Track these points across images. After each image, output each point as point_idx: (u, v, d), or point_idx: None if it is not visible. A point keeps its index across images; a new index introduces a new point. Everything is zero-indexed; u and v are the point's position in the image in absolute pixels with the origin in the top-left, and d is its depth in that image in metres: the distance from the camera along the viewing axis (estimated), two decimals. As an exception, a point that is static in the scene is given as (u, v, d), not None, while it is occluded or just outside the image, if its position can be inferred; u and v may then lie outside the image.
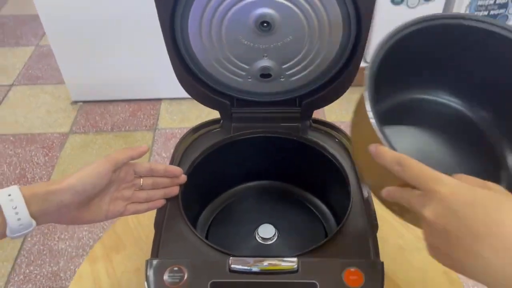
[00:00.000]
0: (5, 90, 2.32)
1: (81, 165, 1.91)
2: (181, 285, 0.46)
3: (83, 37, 1.98)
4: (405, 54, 0.50)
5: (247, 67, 0.65)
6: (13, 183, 1.86)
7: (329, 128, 0.71)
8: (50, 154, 1.98)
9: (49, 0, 1.84)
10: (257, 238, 0.64)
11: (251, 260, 0.47)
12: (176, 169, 0.61)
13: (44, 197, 0.50)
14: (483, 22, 0.49)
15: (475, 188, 0.35)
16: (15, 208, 0.48)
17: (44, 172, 1.90)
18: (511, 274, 0.31)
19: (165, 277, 0.47)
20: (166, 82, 2.14)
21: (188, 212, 0.58)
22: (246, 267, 0.47)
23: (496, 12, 1.99)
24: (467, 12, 1.98)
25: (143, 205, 0.59)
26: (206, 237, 0.66)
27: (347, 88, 0.68)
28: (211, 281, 0.46)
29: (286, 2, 0.58)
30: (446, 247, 0.35)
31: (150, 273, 0.48)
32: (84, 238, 1.65)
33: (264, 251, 0.62)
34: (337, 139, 0.69)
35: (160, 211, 0.57)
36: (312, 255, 0.48)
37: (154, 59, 2.05)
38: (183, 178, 0.61)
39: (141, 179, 0.59)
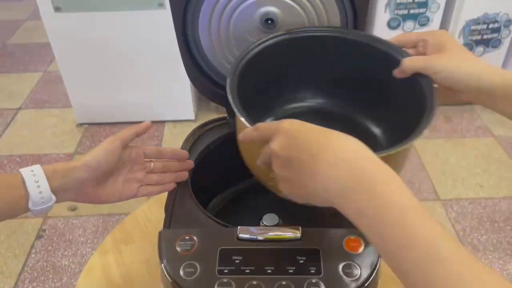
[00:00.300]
0: (13, 113, 2.38)
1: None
2: (192, 252, 0.49)
3: (91, 62, 2.06)
4: (269, 64, 0.62)
5: None
6: (18, 201, 1.88)
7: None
8: (55, 174, 2.01)
9: (59, 28, 1.93)
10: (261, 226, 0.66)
11: (257, 229, 0.50)
12: (183, 152, 0.65)
13: (63, 173, 0.53)
14: (329, 30, 0.63)
15: (307, 122, 0.43)
16: (37, 182, 0.51)
17: (49, 191, 1.92)
18: (345, 181, 0.37)
19: (177, 245, 0.50)
20: (170, 105, 2.21)
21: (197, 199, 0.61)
22: (252, 236, 0.50)
23: (489, 36, 2.07)
24: (461, 37, 2.06)
25: (154, 187, 0.62)
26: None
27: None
28: (220, 248, 0.49)
29: (289, 1, 0.63)
30: (292, 174, 0.41)
31: (163, 242, 0.51)
32: (87, 255, 1.66)
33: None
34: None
35: (171, 194, 0.60)
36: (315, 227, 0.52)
37: (158, 83, 2.13)
38: (190, 162, 0.65)
39: (152, 163, 0.63)
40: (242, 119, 0.50)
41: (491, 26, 2.03)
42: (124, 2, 1.86)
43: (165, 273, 0.48)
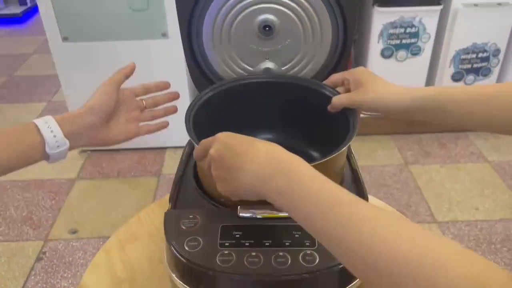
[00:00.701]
0: (17, 141, 2.43)
1: (86, 209, 1.98)
2: (195, 229, 0.53)
3: (95, 90, 2.13)
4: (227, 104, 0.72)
5: (251, 69, 0.75)
6: (19, 224, 1.90)
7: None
8: (56, 198, 2.03)
9: (66, 56, 2.01)
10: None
11: (257, 209, 0.54)
12: (165, 82, 0.73)
13: (72, 120, 0.60)
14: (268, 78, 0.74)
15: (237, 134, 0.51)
16: (50, 127, 0.57)
17: (50, 215, 1.94)
18: (264, 170, 0.45)
19: (181, 224, 0.53)
20: (171, 132, 2.25)
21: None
22: (252, 214, 0.54)
23: (479, 65, 2.16)
24: (451, 65, 2.14)
25: (153, 126, 0.71)
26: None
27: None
28: (221, 225, 0.53)
29: (285, 9, 0.70)
30: (226, 172, 0.49)
31: (168, 220, 0.54)
32: (87, 276, 1.67)
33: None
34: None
35: (176, 180, 0.64)
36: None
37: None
38: (175, 92, 0.73)
39: (143, 101, 0.71)
40: (195, 144, 0.58)
41: (480, 55, 2.12)
42: (128, 32, 1.95)
43: (170, 246, 0.52)
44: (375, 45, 2.07)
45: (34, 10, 4.11)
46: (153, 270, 0.75)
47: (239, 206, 0.54)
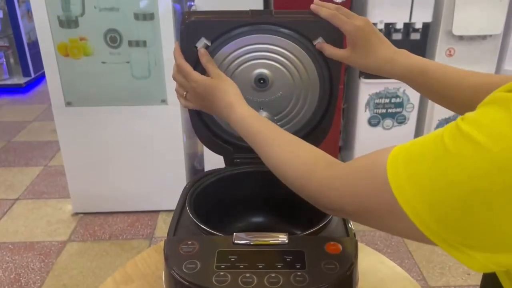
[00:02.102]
0: (10, 203, 2.44)
1: (76, 271, 1.95)
2: (193, 253, 0.56)
3: (93, 153, 2.19)
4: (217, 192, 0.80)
5: None
6: (6, 287, 1.86)
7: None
8: (46, 261, 2.01)
9: (68, 121, 2.10)
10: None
11: (250, 235, 0.58)
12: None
13: None
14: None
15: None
16: None
17: (38, 278, 1.91)
18: (224, 114, 0.68)
19: (180, 249, 0.57)
20: (165, 195, 2.29)
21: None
22: (246, 241, 0.57)
23: (461, 134, 2.27)
24: (436, 134, 2.25)
25: None
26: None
27: (322, 141, 0.85)
28: (218, 250, 0.56)
29: (278, 65, 0.78)
30: (204, 102, 0.72)
31: (168, 246, 0.58)
32: None
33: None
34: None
35: (176, 211, 0.68)
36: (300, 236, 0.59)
37: (155, 174, 2.24)
38: None
39: None
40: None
41: (462, 125, 2.24)
42: (130, 98, 2.06)
43: (168, 268, 0.55)
44: (362, 114, 2.19)
45: (37, 81, 4.28)
46: (148, 311, 0.76)
47: (234, 234, 0.58)
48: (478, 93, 0.63)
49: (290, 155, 0.58)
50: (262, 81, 0.78)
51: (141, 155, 2.20)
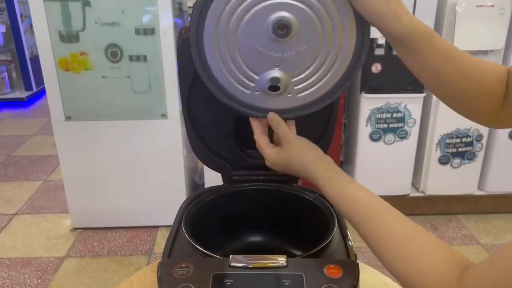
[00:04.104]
0: (9, 218, 2.42)
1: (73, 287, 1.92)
2: (188, 276, 0.54)
3: (93, 168, 2.18)
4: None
5: (256, 77, 0.66)
6: (2, 304, 1.83)
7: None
8: (43, 277, 1.98)
9: (67, 135, 2.09)
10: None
11: (248, 258, 0.56)
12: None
13: None
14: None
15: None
16: None
17: (34, 294, 1.88)
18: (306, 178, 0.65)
19: (174, 272, 0.55)
20: (164, 211, 2.26)
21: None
22: (243, 264, 0.55)
23: (464, 149, 2.25)
24: (438, 149, 2.23)
25: None
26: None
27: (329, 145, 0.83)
28: (213, 273, 0.54)
29: (304, 7, 0.59)
30: (282, 168, 0.68)
31: (162, 268, 0.55)
32: None
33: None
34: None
35: (171, 232, 0.66)
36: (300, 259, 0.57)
37: (154, 190, 2.22)
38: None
39: None
40: None
41: (464, 140, 2.22)
42: (130, 112, 2.05)
43: (162, 292, 0.53)
44: (363, 129, 2.17)
45: (39, 95, 4.29)
46: (142, 334, 0.73)
47: (231, 256, 0.56)
48: (469, 75, 0.60)
49: (421, 251, 0.49)
50: (283, 27, 0.60)
51: (141, 169, 2.18)
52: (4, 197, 2.62)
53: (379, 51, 2.02)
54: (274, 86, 0.66)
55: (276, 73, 0.65)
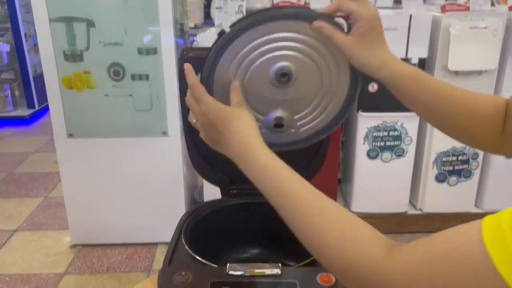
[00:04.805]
0: (9, 234, 2.43)
1: (72, 304, 1.93)
2: (187, 284, 0.56)
3: (94, 185, 2.20)
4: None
5: (262, 117, 0.72)
6: (0, 320, 1.84)
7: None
8: (42, 294, 1.99)
9: (69, 152, 2.13)
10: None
11: (244, 266, 0.59)
12: None
13: None
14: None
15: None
16: None
17: (33, 311, 1.89)
18: (233, 157, 0.60)
19: (174, 279, 0.57)
20: (164, 228, 2.28)
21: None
22: (240, 272, 0.58)
23: (460, 167, 2.28)
24: (434, 167, 2.26)
25: None
26: None
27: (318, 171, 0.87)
28: (211, 281, 0.57)
29: (305, 58, 0.66)
30: (214, 135, 0.62)
31: (162, 276, 0.58)
32: None
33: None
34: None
35: (172, 242, 0.69)
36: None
37: (154, 207, 2.24)
38: None
39: None
40: None
41: (460, 158, 2.25)
42: (131, 130, 2.09)
43: (162, 299, 0.55)
44: (361, 147, 2.21)
45: (41, 113, 4.34)
46: None
47: (228, 264, 0.59)
48: (464, 109, 0.65)
49: (339, 237, 0.47)
50: (284, 75, 0.68)
51: (141, 186, 2.21)
52: (4, 214, 2.64)
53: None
54: (278, 124, 0.73)
55: (279, 113, 0.73)
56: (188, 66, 0.65)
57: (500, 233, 0.34)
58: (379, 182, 2.28)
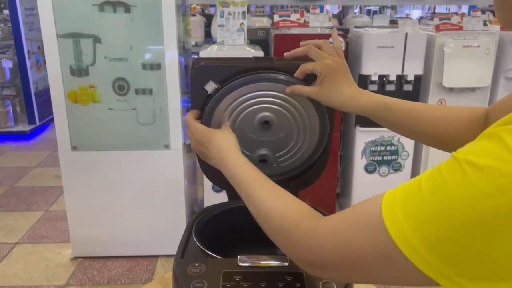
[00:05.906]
0: (10, 247, 2.45)
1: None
2: (201, 274, 0.60)
3: (96, 197, 2.23)
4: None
5: (249, 154, 0.88)
6: (1, 331, 1.84)
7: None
8: (43, 305, 2.00)
9: (73, 164, 2.16)
10: None
11: (254, 258, 0.63)
12: None
13: None
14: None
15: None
16: None
17: (34, 322, 1.90)
18: (219, 161, 0.71)
19: (188, 270, 0.61)
20: (164, 241, 2.31)
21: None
22: (250, 263, 0.62)
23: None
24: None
25: None
26: None
27: (319, 175, 0.91)
28: (223, 271, 0.60)
29: (281, 109, 0.84)
30: (202, 149, 0.75)
31: (177, 267, 0.62)
32: None
33: None
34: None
35: (183, 238, 0.73)
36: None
37: (156, 219, 2.27)
38: None
39: None
40: None
41: (456, 172, 2.30)
42: (134, 143, 2.13)
43: (178, 287, 0.59)
44: (359, 161, 2.26)
45: (42, 128, 4.38)
46: None
47: (239, 256, 0.63)
48: (436, 125, 0.73)
49: (277, 205, 0.57)
50: (266, 123, 0.85)
51: (142, 199, 2.24)
52: (5, 227, 2.66)
53: (372, 87, 2.14)
54: (262, 160, 0.88)
55: (263, 151, 0.88)
56: (189, 112, 0.82)
57: (392, 199, 0.44)
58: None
